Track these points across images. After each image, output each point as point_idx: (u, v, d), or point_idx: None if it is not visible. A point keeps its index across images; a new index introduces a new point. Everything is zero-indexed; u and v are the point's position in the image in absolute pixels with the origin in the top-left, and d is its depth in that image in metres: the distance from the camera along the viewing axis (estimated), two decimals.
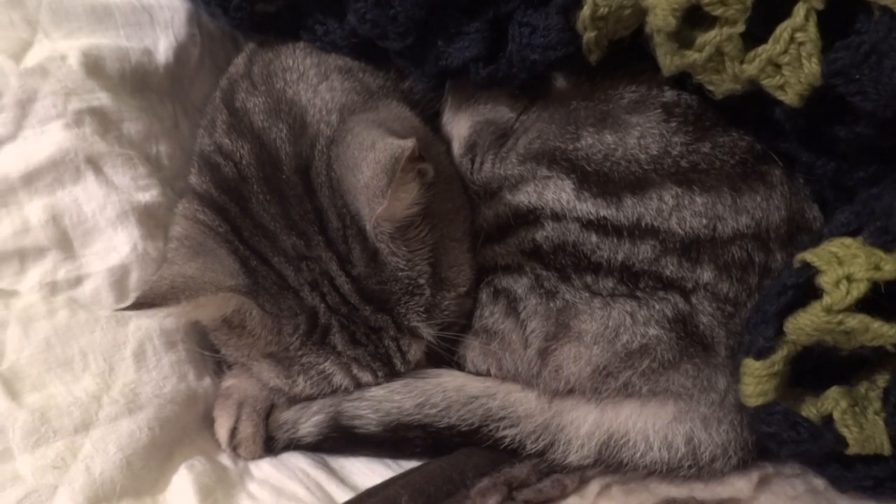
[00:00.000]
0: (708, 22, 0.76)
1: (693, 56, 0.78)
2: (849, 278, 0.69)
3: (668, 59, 0.80)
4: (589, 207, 0.86)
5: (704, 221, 0.84)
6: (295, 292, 0.88)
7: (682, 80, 0.85)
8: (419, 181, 0.84)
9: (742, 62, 0.76)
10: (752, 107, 0.82)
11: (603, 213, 0.86)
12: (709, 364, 0.84)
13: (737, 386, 0.80)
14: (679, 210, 0.84)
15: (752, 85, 0.77)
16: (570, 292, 0.87)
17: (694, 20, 0.77)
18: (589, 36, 0.82)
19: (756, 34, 0.75)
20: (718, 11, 0.74)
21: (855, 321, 0.69)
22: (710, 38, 0.76)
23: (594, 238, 0.86)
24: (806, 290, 0.73)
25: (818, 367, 0.77)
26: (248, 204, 0.90)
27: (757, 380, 0.76)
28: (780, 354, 0.75)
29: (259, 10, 1.01)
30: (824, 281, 0.71)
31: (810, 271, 0.72)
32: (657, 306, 0.84)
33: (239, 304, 0.86)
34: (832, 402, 0.76)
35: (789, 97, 0.75)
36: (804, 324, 0.72)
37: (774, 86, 0.75)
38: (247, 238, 0.89)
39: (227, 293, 0.85)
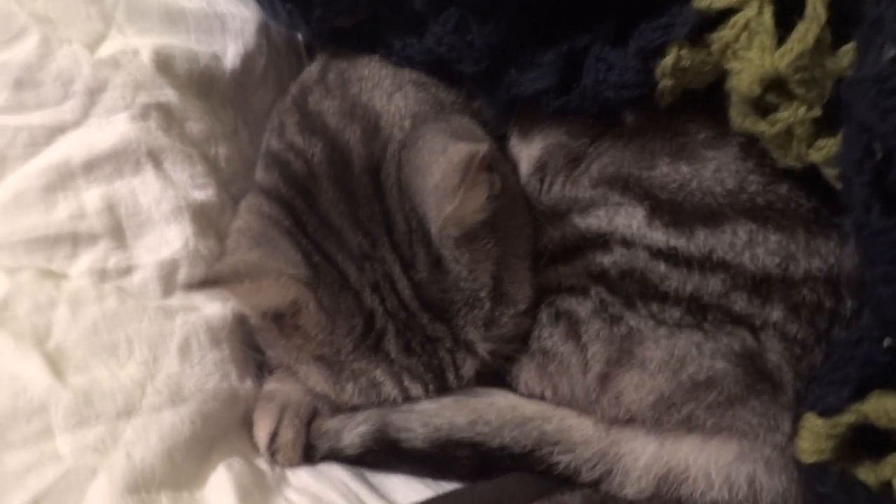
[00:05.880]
0: (786, 95, 0.75)
1: (763, 127, 0.77)
2: None
3: (740, 120, 0.80)
4: (660, 236, 0.85)
5: (777, 260, 0.83)
6: (355, 293, 0.86)
7: None
8: (488, 188, 0.84)
9: (809, 146, 0.75)
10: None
11: (673, 242, 0.85)
12: (776, 402, 0.81)
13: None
14: (752, 246, 0.83)
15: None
16: (636, 319, 0.85)
17: (774, 87, 0.75)
18: (665, 84, 0.83)
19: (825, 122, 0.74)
20: (800, 91, 0.73)
21: None
22: (784, 116, 0.75)
23: (663, 267, 0.85)
24: None
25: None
26: (315, 200, 0.90)
27: (816, 437, 0.72)
28: (847, 419, 0.70)
29: (339, 23, 1.02)
30: None
31: None
32: (725, 340, 0.82)
33: (297, 294, 0.85)
34: (892, 468, 0.70)
35: None
36: (891, 408, 0.66)
37: (836, 177, 0.74)
38: (311, 233, 0.89)
39: (288, 280, 0.83)
